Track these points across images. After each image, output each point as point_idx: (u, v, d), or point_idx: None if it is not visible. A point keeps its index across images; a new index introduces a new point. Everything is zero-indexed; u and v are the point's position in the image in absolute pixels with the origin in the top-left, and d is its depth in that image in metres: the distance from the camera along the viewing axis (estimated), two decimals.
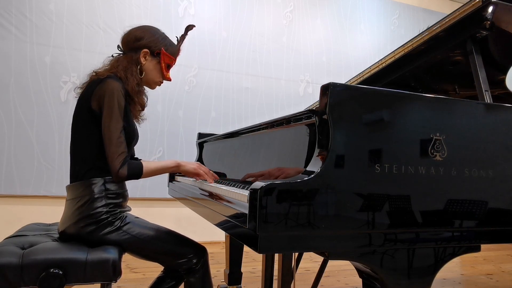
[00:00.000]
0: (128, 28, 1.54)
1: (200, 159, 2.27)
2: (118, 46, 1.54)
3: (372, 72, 1.76)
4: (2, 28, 3.34)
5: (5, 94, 3.33)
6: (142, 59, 1.48)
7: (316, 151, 0.96)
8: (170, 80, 1.58)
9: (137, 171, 1.35)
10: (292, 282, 1.49)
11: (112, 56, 1.51)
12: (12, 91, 3.35)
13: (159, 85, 1.58)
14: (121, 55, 1.51)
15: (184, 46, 1.63)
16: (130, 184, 1.46)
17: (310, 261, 3.25)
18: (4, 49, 3.34)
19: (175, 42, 1.60)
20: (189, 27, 1.61)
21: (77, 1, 3.59)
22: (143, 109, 1.53)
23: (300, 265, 2.27)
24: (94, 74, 1.45)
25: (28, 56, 3.41)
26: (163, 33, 1.56)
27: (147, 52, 1.48)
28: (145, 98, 1.56)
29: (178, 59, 1.60)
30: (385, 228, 0.95)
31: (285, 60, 4.38)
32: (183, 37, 1.61)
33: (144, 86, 1.56)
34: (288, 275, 1.47)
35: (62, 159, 3.45)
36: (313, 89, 4.47)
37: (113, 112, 1.31)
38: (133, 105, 1.45)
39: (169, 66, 1.55)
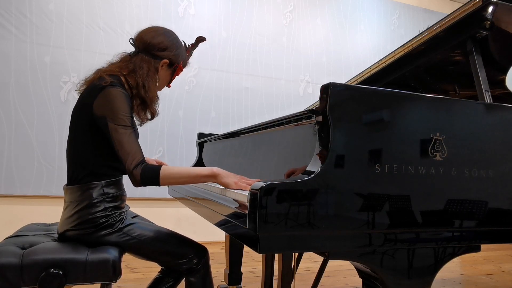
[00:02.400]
0: (149, 26, 1.47)
1: (200, 159, 2.27)
2: (132, 40, 1.45)
3: (372, 72, 1.76)
4: (2, 28, 3.33)
5: (5, 94, 3.33)
6: (160, 68, 1.44)
7: (316, 151, 0.96)
8: (169, 87, 1.57)
9: (153, 175, 1.22)
10: (292, 282, 1.49)
11: (124, 52, 1.46)
12: (12, 91, 3.35)
13: (159, 90, 1.53)
14: (135, 54, 1.43)
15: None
16: (130, 185, 1.45)
17: (310, 261, 3.25)
18: (4, 49, 3.34)
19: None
20: (201, 39, 1.55)
21: (77, 1, 3.59)
22: (152, 118, 1.48)
23: (300, 265, 2.27)
24: (98, 72, 1.39)
25: (28, 56, 3.41)
26: (182, 43, 1.52)
27: (166, 63, 1.44)
28: (157, 109, 1.51)
29: None
30: (385, 228, 0.95)
31: (285, 60, 4.38)
32: (193, 46, 1.55)
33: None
34: (288, 275, 1.47)
35: (62, 159, 3.45)
36: (313, 89, 4.47)
37: (117, 115, 1.27)
38: (141, 111, 1.41)
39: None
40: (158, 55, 1.43)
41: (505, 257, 3.79)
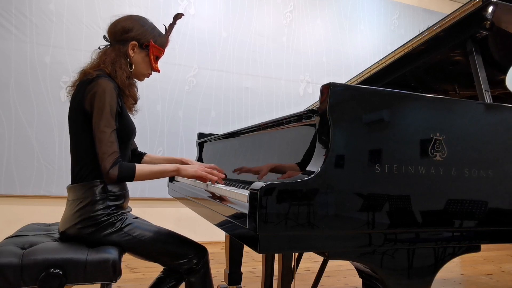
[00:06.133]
0: (114, 18, 1.49)
1: (200, 159, 2.27)
2: (104, 37, 1.49)
3: (372, 72, 1.76)
4: (2, 28, 3.33)
5: (5, 94, 3.33)
6: (130, 52, 1.44)
7: (316, 151, 0.96)
8: (158, 71, 1.53)
9: (129, 173, 1.28)
10: (292, 282, 1.49)
11: (99, 48, 1.47)
12: (12, 91, 3.35)
13: (148, 77, 1.54)
14: (108, 47, 1.47)
15: (184, 46, 1.59)
16: (130, 184, 1.45)
17: (310, 261, 3.25)
18: (4, 49, 3.34)
19: (163, 31, 1.55)
20: (178, 16, 1.55)
21: (77, 1, 3.59)
22: (135, 102, 1.49)
23: (300, 265, 2.27)
24: (82, 72, 1.41)
25: (28, 56, 3.41)
26: (152, 23, 1.52)
27: (135, 45, 1.44)
28: (136, 90, 1.52)
29: (177, 58, 1.57)
30: (385, 228, 0.95)
31: (285, 60, 4.38)
32: (171, 26, 1.55)
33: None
34: (288, 275, 1.47)
35: (62, 159, 3.45)
36: (313, 89, 4.47)
37: (103, 112, 1.28)
38: (125, 98, 1.42)
39: (157, 58, 1.51)
40: (122, 39, 1.44)
41: (505, 257, 3.79)
